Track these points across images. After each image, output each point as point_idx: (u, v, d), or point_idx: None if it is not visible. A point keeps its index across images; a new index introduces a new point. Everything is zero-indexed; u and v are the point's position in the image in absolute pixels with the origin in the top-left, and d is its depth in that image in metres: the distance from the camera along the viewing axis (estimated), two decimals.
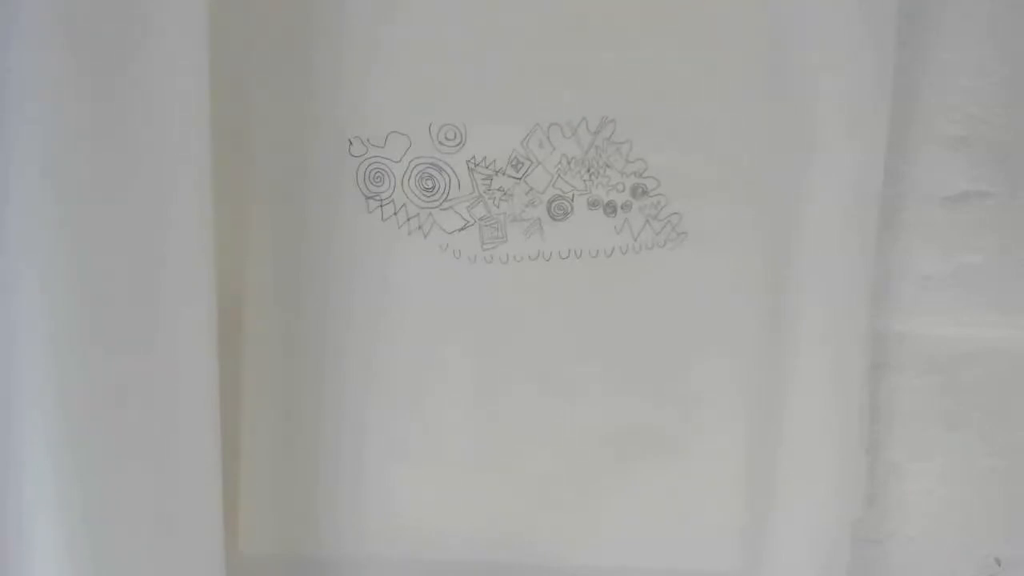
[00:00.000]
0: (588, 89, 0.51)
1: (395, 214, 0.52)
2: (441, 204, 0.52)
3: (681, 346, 0.53)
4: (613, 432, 0.53)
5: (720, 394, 0.53)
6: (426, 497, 0.54)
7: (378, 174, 0.52)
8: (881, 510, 0.56)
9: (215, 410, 0.46)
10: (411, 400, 0.53)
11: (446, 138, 0.51)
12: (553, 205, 0.52)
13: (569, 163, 0.51)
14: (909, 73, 0.52)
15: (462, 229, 0.52)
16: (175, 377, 0.44)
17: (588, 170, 0.52)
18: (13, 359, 0.41)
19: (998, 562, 0.56)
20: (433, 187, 0.52)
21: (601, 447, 0.53)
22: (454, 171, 0.52)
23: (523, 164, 0.52)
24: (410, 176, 0.52)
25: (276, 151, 0.51)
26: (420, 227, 0.52)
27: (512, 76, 0.51)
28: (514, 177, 0.52)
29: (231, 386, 0.52)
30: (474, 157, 0.51)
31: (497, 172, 0.52)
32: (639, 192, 0.52)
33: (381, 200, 0.52)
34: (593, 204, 0.52)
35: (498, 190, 0.52)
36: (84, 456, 0.42)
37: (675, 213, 0.52)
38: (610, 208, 0.52)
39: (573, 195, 0.52)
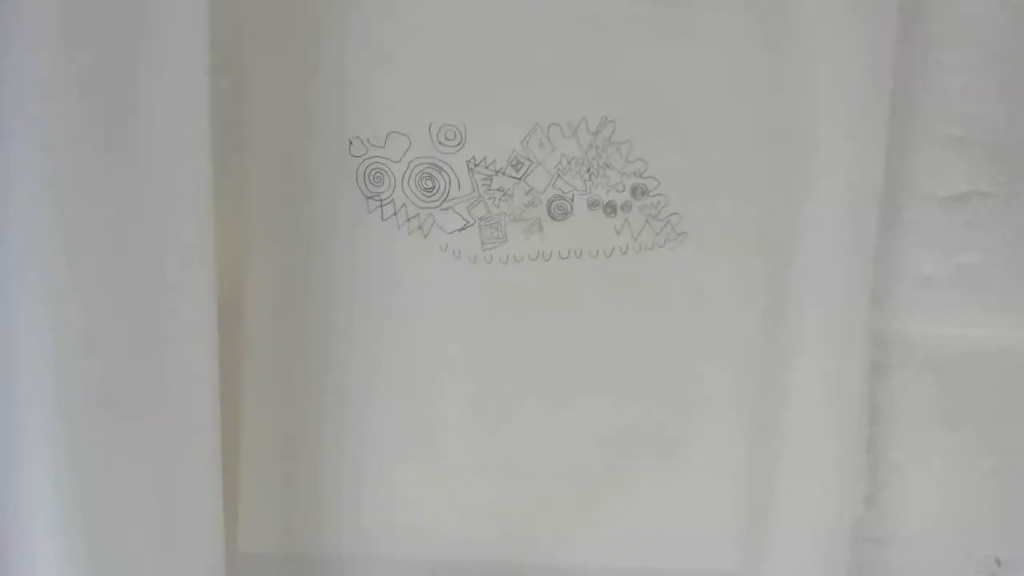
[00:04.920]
0: (588, 89, 0.51)
1: (395, 214, 0.52)
2: (441, 204, 0.52)
3: (681, 345, 0.53)
4: (613, 432, 0.53)
5: (720, 394, 0.53)
6: (426, 497, 0.54)
7: (378, 174, 0.52)
8: (881, 510, 0.56)
9: (215, 410, 0.46)
10: (411, 400, 0.53)
11: (446, 138, 0.51)
12: (553, 205, 0.52)
13: (569, 163, 0.52)
14: (909, 73, 0.52)
15: (462, 229, 0.52)
16: (175, 377, 0.44)
17: (588, 170, 0.52)
18: (13, 359, 0.41)
19: (998, 562, 0.56)
20: (433, 187, 0.52)
21: (601, 447, 0.53)
22: (454, 171, 0.52)
23: (523, 164, 0.52)
24: (410, 176, 0.52)
25: (276, 151, 0.51)
26: (420, 227, 0.52)
27: (512, 76, 0.51)
28: (514, 177, 0.52)
29: (231, 386, 0.52)
30: (474, 157, 0.51)
31: (497, 172, 0.52)
32: (639, 192, 0.52)
33: (381, 200, 0.52)
34: (593, 204, 0.52)
35: (498, 190, 0.52)
36: (84, 456, 0.42)
37: (675, 213, 0.52)
38: (610, 208, 0.52)
39: (573, 195, 0.52)
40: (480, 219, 0.52)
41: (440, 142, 0.51)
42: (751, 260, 0.52)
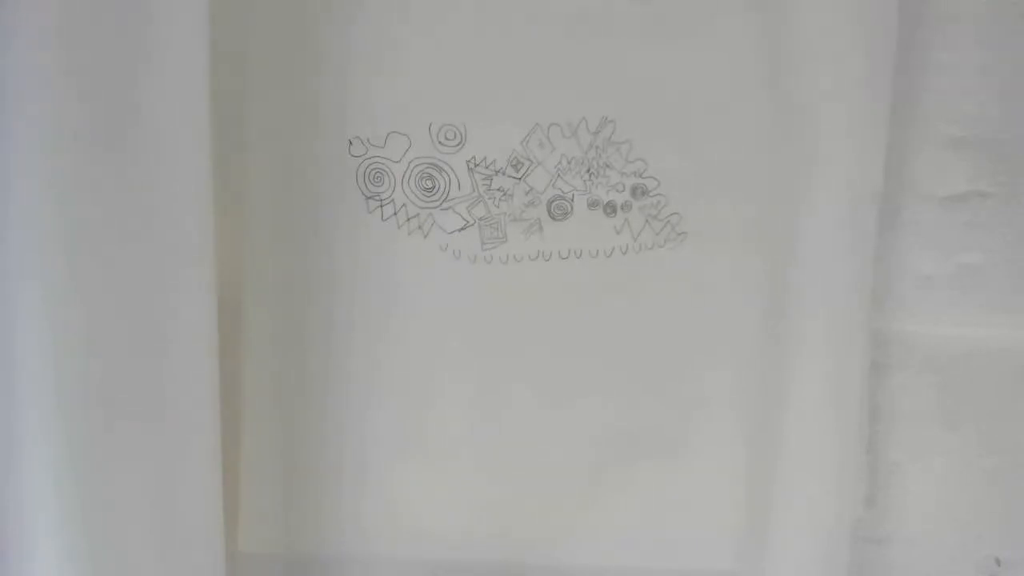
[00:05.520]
0: (588, 89, 0.51)
1: (395, 214, 0.52)
2: (441, 204, 0.52)
3: (681, 346, 0.53)
4: (613, 431, 0.53)
5: (720, 394, 0.53)
6: (426, 496, 0.54)
7: (378, 174, 0.52)
8: (881, 510, 0.56)
9: (215, 410, 0.46)
10: (411, 400, 0.53)
11: (446, 138, 0.51)
12: (553, 205, 0.52)
13: (569, 163, 0.52)
14: (909, 73, 0.52)
15: (462, 229, 0.52)
16: (175, 376, 0.44)
17: (588, 170, 0.52)
18: (13, 359, 0.41)
19: (998, 562, 0.56)
20: (433, 187, 0.52)
21: (601, 446, 0.53)
22: (454, 171, 0.52)
23: (523, 164, 0.52)
24: (410, 176, 0.52)
25: (276, 151, 0.51)
26: (420, 227, 0.52)
27: (512, 76, 0.51)
28: (514, 177, 0.52)
29: (231, 386, 0.52)
30: (474, 157, 0.51)
31: (497, 172, 0.52)
32: (639, 192, 0.52)
33: (381, 200, 0.52)
34: (593, 204, 0.52)
35: (498, 190, 0.52)
36: (84, 456, 0.42)
37: (675, 213, 0.52)
38: (610, 208, 0.52)
39: (573, 195, 0.52)
40: (480, 219, 0.52)
41: (440, 142, 0.51)
42: (751, 260, 0.52)
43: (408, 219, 0.52)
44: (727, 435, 0.53)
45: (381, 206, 0.52)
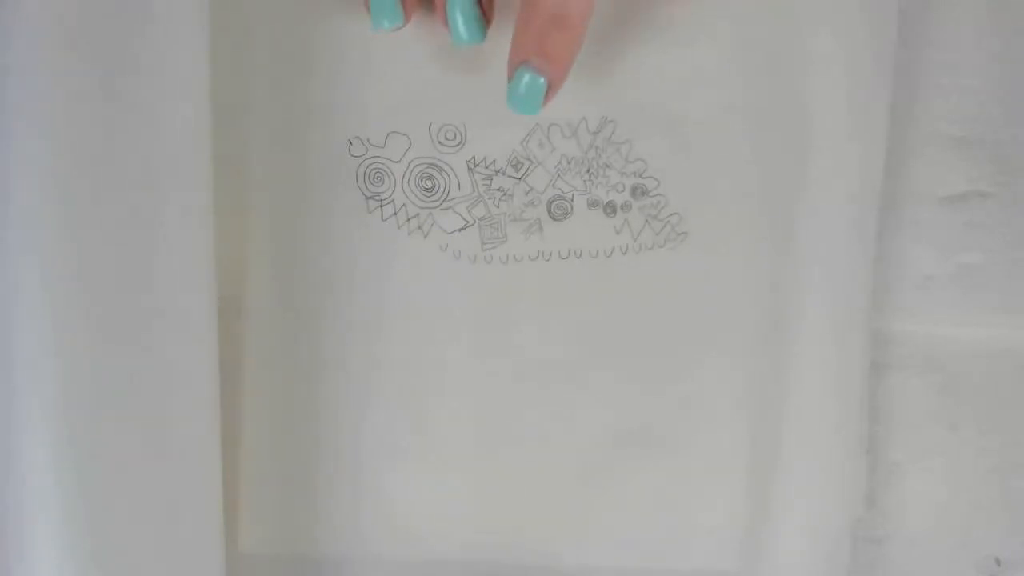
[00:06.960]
0: (588, 89, 0.51)
1: (395, 214, 0.52)
2: (441, 204, 0.52)
3: (681, 346, 0.53)
4: (613, 432, 0.53)
5: (720, 394, 0.53)
6: (426, 497, 0.54)
7: (378, 174, 0.52)
8: (881, 510, 0.56)
9: (215, 410, 0.46)
10: (410, 400, 0.53)
11: (446, 138, 0.51)
12: (553, 205, 0.52)
13: (569, 163, 0.52)
14: (909, 73, 0.52)
15: (462, 229, 0.52)
16: (175, 377, 0.44)
17: (588, 170, 0.52)
18: (13, 359, 0.41)
19: (998, 562, 0.56)
20: (433, 187, 0.52)
21: (601, 447, 0.53)
22: (454, 171, 0.52)
23: (523, 164, 0.52)
24: (410, 176, 0.52)
25: (276, 151, 0.51)
26: (420, 227, 0.52)
27: None
28: (514, 177, 0.52)
29: (231, 386, 0.52)
30: (474, 157, 0.51)
31: (497, 172, 0.52)
32: (639, 192, 0.52)
33: (381, 200, 0.52)
34: (593, 204, 0.52)
35: (498, 190, 0.52)
36: (84, 455, 0.42)
37: (675, 213, 0.52)
38: (610, 208, 0.52)
39: (573, 195, 0.52)
40: (480, 219, 0.52)
41: (440, 142, 0.51)
42: (751, 260, 0.52)
43: (408, 219, 0.52)
44: (727, 435, 0.53)
45: (381, 206, 0.52)
